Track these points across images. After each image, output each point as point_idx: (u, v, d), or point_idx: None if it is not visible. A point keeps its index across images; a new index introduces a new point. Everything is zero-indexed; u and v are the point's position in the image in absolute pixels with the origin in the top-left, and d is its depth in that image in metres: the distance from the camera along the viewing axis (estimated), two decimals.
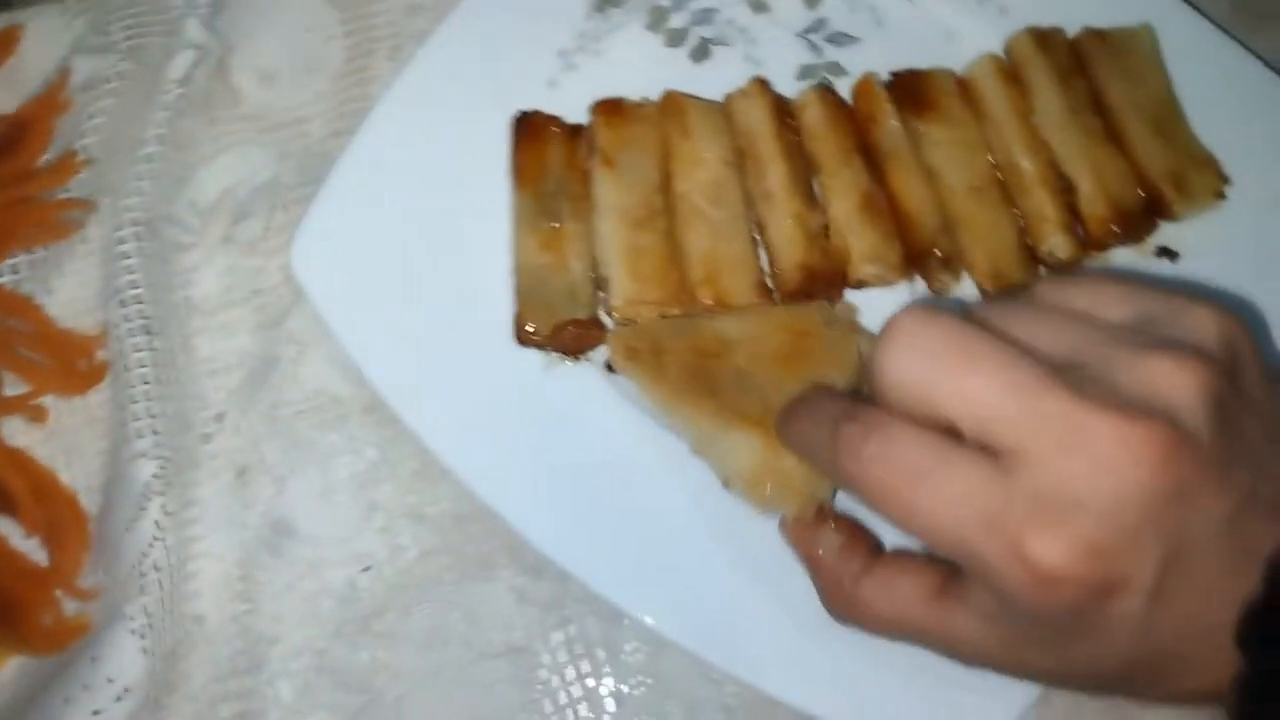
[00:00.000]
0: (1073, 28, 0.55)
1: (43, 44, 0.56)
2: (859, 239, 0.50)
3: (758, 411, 0.46)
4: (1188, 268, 0.51)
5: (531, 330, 0.49)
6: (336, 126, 0.56)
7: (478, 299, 0.50)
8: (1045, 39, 0.53)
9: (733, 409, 0.46)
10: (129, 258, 0.52)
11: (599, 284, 0.50)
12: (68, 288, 0.53)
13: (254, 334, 0.53)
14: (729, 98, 0.53)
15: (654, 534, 0.48)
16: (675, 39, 0.57)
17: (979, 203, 0.51)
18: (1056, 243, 0.50)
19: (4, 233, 0.51)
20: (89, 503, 0.50)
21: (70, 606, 0.48)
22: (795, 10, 0.57)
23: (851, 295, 0.52)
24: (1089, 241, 0.51)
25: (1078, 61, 0.53)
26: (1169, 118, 0.52)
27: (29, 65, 0.56)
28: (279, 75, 0.57)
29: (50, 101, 0.54)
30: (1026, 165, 0.51)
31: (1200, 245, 0.52)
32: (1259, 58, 0.54)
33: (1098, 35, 0.53)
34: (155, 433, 0.49)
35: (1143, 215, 0.51)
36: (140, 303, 0.51)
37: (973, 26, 0.56)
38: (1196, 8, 0.56)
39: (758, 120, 0.52)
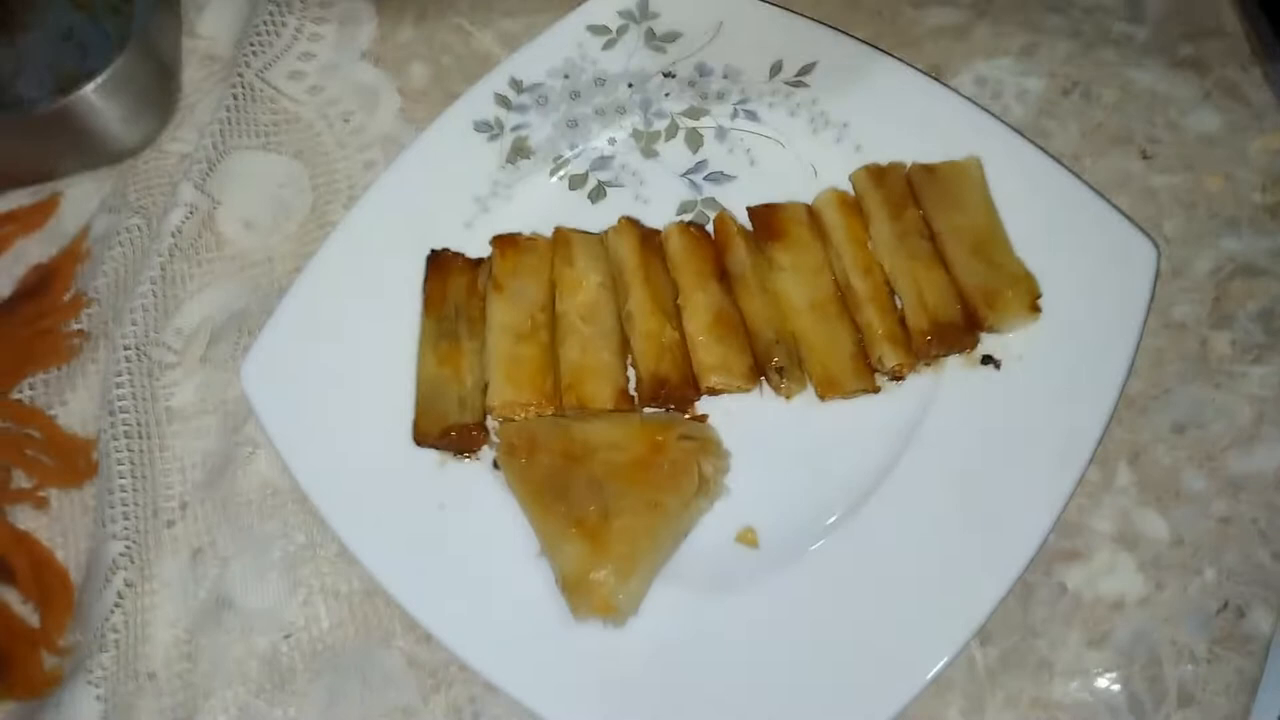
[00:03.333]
0: (928, 159, 0.61)
1: (78, 205, 0.71)
2: (708, 353, 0.58)
3: (594, 522, 0.53)
4: (1012, 375, 0.56)
5: (425, 433, 0.58)
6: (298, 264, 0.67)
7: (388, 409, 0.60)
8: (882, 173, 0.60)
9: (573, 517, 0.53)
10: (121, 375, 0.64)
11: (485, 391, 0.59)
12: (78, 401, 0.66)
13: (218, 437, 0.64)
14: (604, 233, 0.62)
15: (521, 615, 0.55)
16: (576, 183, 0.66)
17: (818, 318, 0.58)
18: (885, 352, 0.56)
19: (26, 357, 0.64)
20: (76, 576, 0.61)
21: (49, 661, 0.59)
22: (680, 154, 0.66)
23: (709, 401, 0.59)
24: (916, 352, 0.57)
25: (911, 192, 0.59)
26: (990, 241, 0.58)
27: (65, 222, 0.70)
28: (257, 223, 0.69)
29: (73, 252, 0.67)
30: (860, 285, 0.58)
31: (1026, 355, 0.57)
32: (1088, 185, 0.59)
33: (927, 169, 0.59)
34: (126, 518, 0.60)
35: (963, 328, 0.56)
36: (125, 411, 0.63)
37: (832, 163, 0.63)
38: (1042, 135, 0.63)
39: (625, 252, 0.60)
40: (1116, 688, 0.52)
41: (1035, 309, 0.56)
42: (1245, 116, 0.63)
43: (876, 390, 0.57)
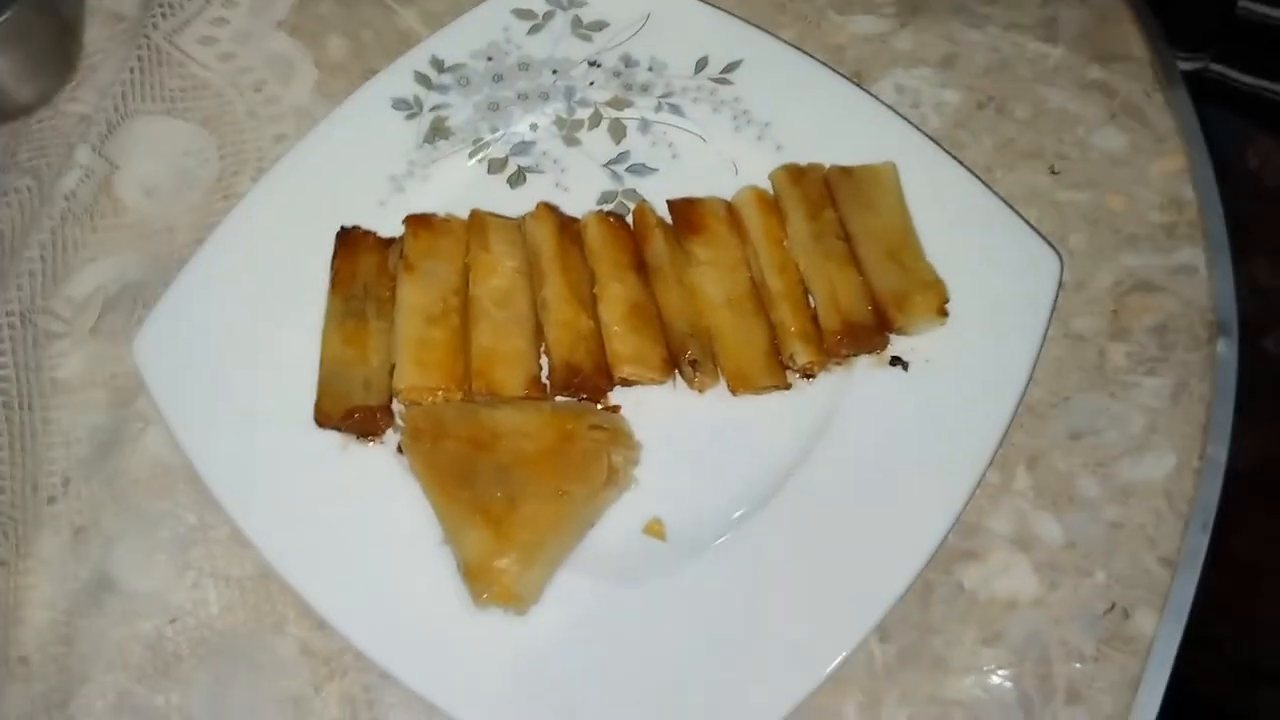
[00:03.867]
0: (846, 162, 0.62)
1: None
2: (623, 343, 0.57)
3: (499, 510, 0.52)
4: (918, 377, 0.57)
5: (326, 414, 0.56)
6: (200, 235, 0.64)
7: (289, 389, 0.57)
8: (801, 174, 0.60)
9: (478, 504, 0.52)
10: (3, 343, 0.60)
11: (392, 373, 0.57)
12: None
13: (106, 411, 0.61)
14: (522, 218, 0.61)
15: (419, 603, 0.53)
16: (496, 167, 0.65)
17: (733, 313, 0.58)
18: (796, 349, 0.57)
19: None
20: None
21: None
22: (602, 144, 0.65)
23: (621, 392, 0.58)
24: (827, 350, 0.57)
25: (829, 193, 0.60)
26: (902, 244, 0.58)
27: None
28: (158, 190, 0.66)
29: None
30: (775, 282, 0.58)
31: (933, 358, 0.58)
32: (999, 196, 0.60)
33: (844, 171, 0.60)
34: (2, 492, 0.57)
35: (873, 329, 0.57)
36: (5, 381, 0.59)
37: (753, 161, 0.63)
38: (956, 145, 0.64)
39: (543, 239, 0.59)
40: (1009, 685, 0.53)
41: (943, 314, 0.57)
42: (1147, 139, 0.65)
43: (788, 387, 0.58)
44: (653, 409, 0.58)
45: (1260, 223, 0.87)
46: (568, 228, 0.60)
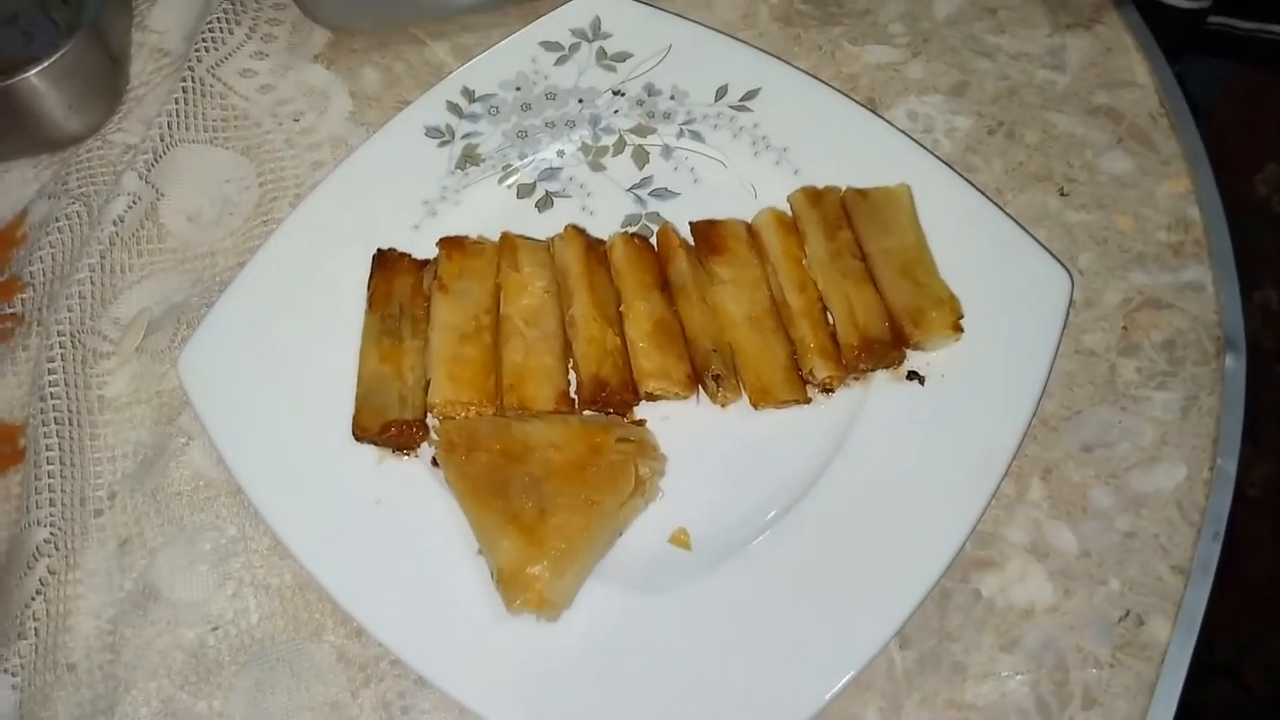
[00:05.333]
0: (861, 184, 0.64)
1: (15, 190, 0.70)
2: (648, 359, 0.59)
3: (531, 519, 0.54)
4: (935, 391, 0.59)
5: (364, 428, 0.58)
6: (240, 259, 0.67)
7: (328, 404, 0.60)
8: (818, 196, 0.63)
9: (510, 513, 0.54)
10: (54, 362, 0.63)
11: (427, 389, 0.59)
12: (6, 386, 0.64)
13: (151, 428, 0.63)
14: (550, 240, 0.63)
15: (454, 611, 0.55)
16: (524, 192, 0.68)
17: (754, 331, 0.60)
18: (816, 364, 0.59)
19: None
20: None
21: None
22: (626, 169, 0.68)
23: (647, 406, 0.60)
24: (846, 365, 0.59)
25: (845, 214, 0.62)
26: (917, 263, 0.61)
27: (1, 206, 0.69)
28: (201, 216, 0.69)
29: (8, 236, 0.66)
30: (795, 300, 0.60)
31: (948, 373, 0.60)
32: (1010, 217, 0.62)
33: (860, 193, 0.62)
34: (52, 505, 0.59)
35: (890, 345, 0.59)
36: (56, 399, 0.62)
37: (771, 184, 0.66)
38: (968, 169, 0.66)
39: (570, 260, 0.62)
40: (1025, 690, 0.55)
41: (958, 329, 0.59)
42: (1153, 162, 0.67)
43: (808, 401, 0.60)
44: (677, 423, 0.60)
45: (1270, 250, 0.89)
46: (594, 249, 0.63)
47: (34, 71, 0.66)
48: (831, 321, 0.60)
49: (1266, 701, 0.81)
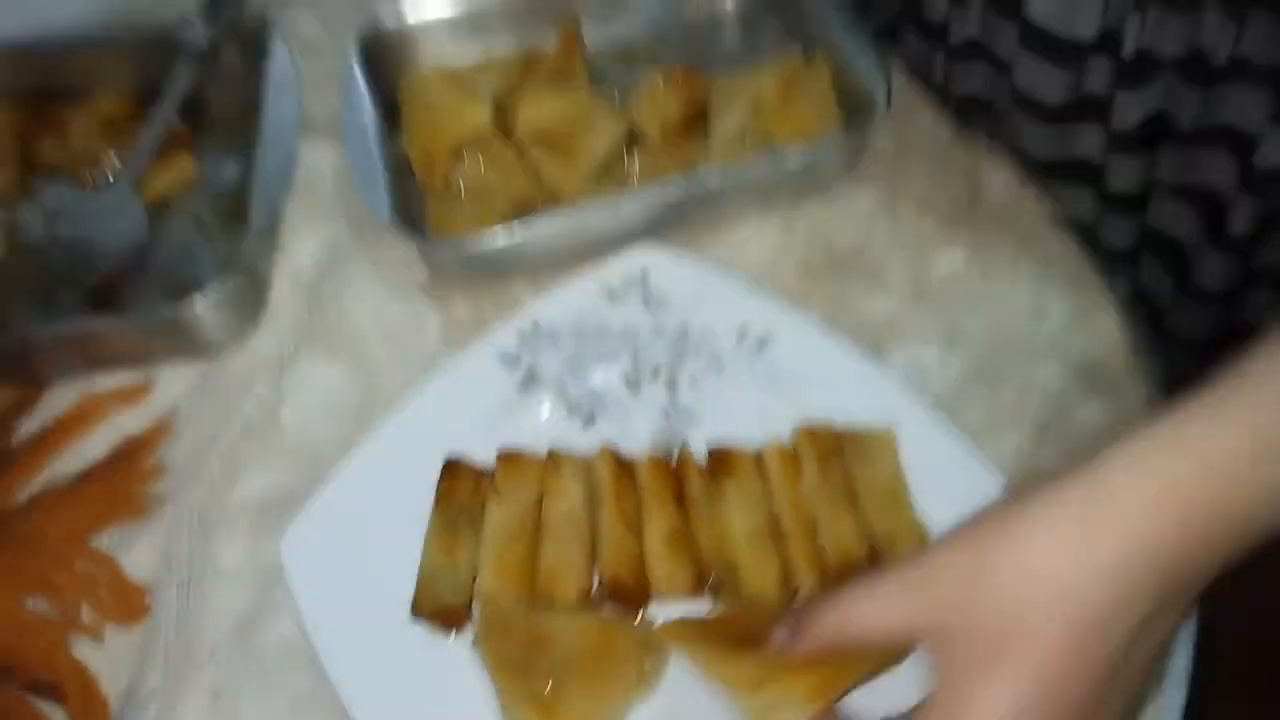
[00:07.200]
0: (858, 420, 0.75)
1: (169, 388, 0.86)
2: (661, 563, 0.70)
3: (549, 698, 0.65)
4: None
5: (421, 608, 0.70)
6: (340, 455, 0.81)
7: (397, 586, 0.72)
8: (815, 432, 0.74)
9: (532, 692, 0.65)
10: (181, 535, 0.77)
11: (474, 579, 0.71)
12: (145, 553, 0.79)
13: (252, 597, 0.76)
14: (587, 459, 0.76)
15: None
16: (573, 410, 0.81)
17: (754, 544, 0.70)
18: (804, 579, 0.68)
19: (110, 512, 0.78)
20: (115, 705, 0.72)
21: None
22: (659, 395, 0.80)
23: (658, 606, 0.71)
24: (830, 583, 0.68)
25: (837, 448, 0.73)
26: (895, 495, 0.70)
27: (156, 402, 0.86)
28: (313, 418, 0.84)
29: (161, 428, 0.82)
30: (789, 521, 0.71)
31: None
32: (985, 459, 0.72)
33: (852, 430, 0.73)
34: (165, 658, 0.72)
35: (868, 566, 0.68)
36: (180, 567, 0.76)
37: (780, 416, 0.77)
38: (953, 411, 0.76)
39: (604, 475, 0.74)
40: None
41: None
42: (1125, 413, 0.76)
43: None
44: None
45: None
46: (625, 465, 0.75)
47: (198, 298, 0.83)
48: (820, 541, 0.70)
49: None
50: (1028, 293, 0.83)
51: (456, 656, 0.70)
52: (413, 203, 0.93)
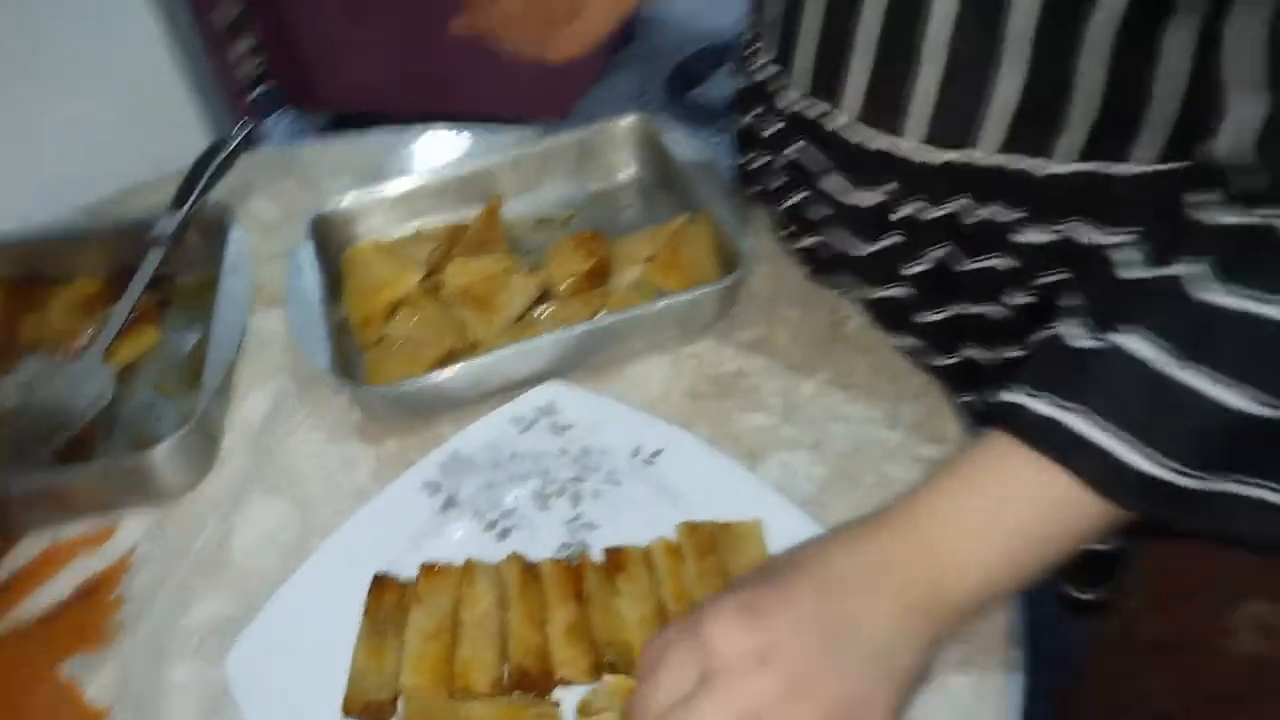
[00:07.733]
0: (733, 517, 0.86)
1: (129, 531, 0.96)
2: (562, 652, 0.79)
3: None
4: None
5: (351, 705, 0.78)
6: (281, 579, 0.91)
7: (327, 689, 0.80)
8: (695, 527, 0.85)
9: None
10: (135, 660, 0.86)
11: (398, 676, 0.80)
12: (104, 676, 0.87)
13: (203, 711, 0.84)
14: (498, 565, 0.86)
15: None
16: (489, 526, 0.91)
17: (644, 628, 0.80)
18: None
19: (75, 644, 0.87)
20: None
21: None
22: (564, 508, 0.91)
23: (562, 690, 0.79)
24: None
25: (713, 540, 0.84)
26: None
27: (118, 544, 0.95)
28: (256, 548, 0.94)
29: (121, 566, 0.92)
30: (673, 608, 0.81)
31: None
32: None
33: (725, 526, 0.84)
34: None
35: None
36: (134, 687, 0.84)
37: (666, 517, 0.88)
38: (819, 508, 0.88)
39: (512, 579, 0.84)
40: None
41: None
42: None
43: None
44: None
45: None
46: (530, 569, 0.85)
47: (159, 449, 0.94)
48: None
49: None
50: (881, 404, 0.96)
51: None
52: (350, 358, 1.06)
